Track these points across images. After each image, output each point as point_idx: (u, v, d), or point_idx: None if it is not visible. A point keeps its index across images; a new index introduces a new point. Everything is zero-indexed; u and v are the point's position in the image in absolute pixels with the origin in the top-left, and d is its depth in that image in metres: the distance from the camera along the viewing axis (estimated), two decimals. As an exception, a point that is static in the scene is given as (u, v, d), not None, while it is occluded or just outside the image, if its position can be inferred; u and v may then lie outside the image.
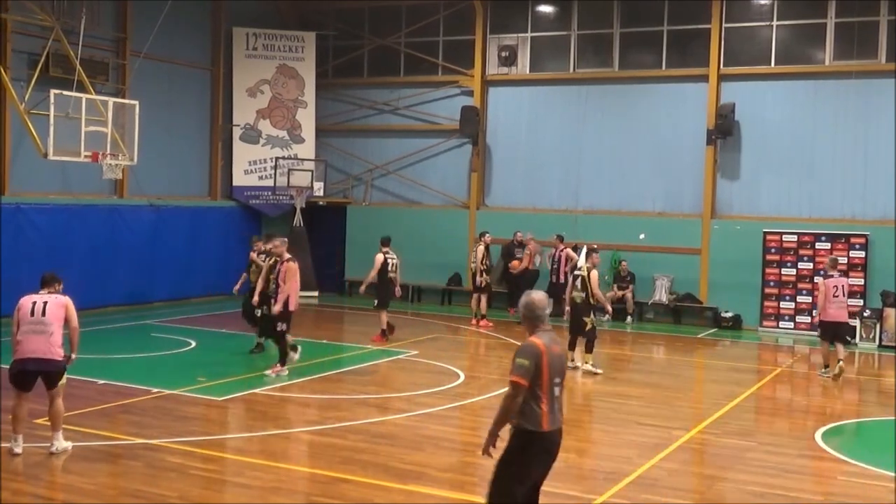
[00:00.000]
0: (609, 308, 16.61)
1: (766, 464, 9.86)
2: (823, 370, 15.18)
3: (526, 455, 6.21)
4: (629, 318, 21.04)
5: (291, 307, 13.66)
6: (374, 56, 25.14)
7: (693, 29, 21.54)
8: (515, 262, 20.94)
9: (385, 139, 24.92)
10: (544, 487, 8.75)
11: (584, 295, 14.84)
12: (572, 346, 14.99)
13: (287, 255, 13.74)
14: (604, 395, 13.50)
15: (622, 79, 22.32)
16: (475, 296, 20.03)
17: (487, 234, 20.18)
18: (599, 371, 14.78)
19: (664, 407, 12.69)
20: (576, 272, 15.21)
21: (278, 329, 13.56)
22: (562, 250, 19.80)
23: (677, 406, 12.94)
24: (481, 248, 19.79)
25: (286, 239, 14.79)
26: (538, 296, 6.49)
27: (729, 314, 20.59)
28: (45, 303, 9.27)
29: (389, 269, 17.01)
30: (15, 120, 17.69)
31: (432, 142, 24.22)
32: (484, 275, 19.72)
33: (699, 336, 19.72)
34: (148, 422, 10.84)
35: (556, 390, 6.29)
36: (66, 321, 9.33)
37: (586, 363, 14.84)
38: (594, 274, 14.92)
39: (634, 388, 14.01)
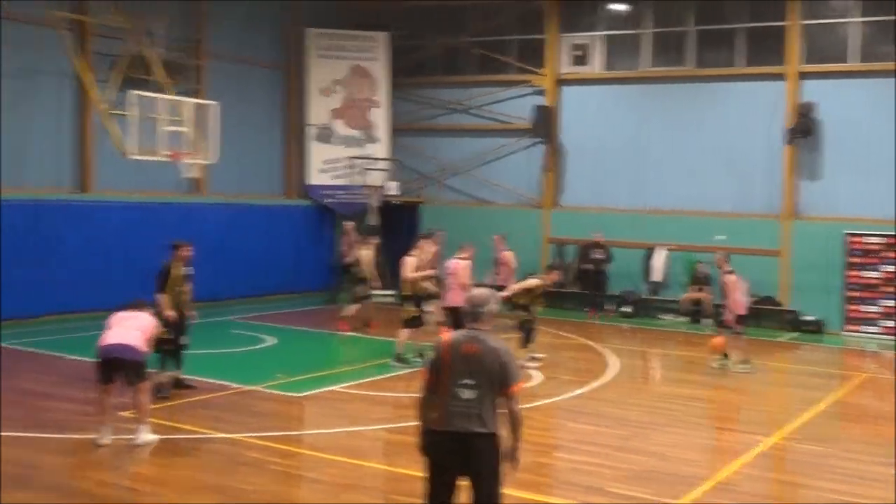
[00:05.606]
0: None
1: (847, 471, 9.63)
2: None
3: (426, 454, 6.04)
4: (706, 321, 20.70)
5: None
6: (446, 56, 25.18)
7: (771, 26, 21.13)
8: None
9: (457, 138, 24.94)
10: (619, 490, 8.72)
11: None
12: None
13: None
14: (680, 399, 13.32)
15: (697, 77, 22.00)
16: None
17: (377, 237, 19.26)
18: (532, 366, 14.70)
19: (743, 412, 12.49)
20: None
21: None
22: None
23: (756, 411, 12.72)
24: (367, 252, 18.32)
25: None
26: (474, 292, 6.26)
27: (810, 317, 20.13)
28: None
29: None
30: (97, 120, 18.14)
31: (504, 141, 24.18)
32: (365, 283, 18.15)
33: (778, 340, 19.34)
34: (227, 416, 11.02)
35: (462, 391, 5.86)
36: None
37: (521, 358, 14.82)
38: (408, 259, 15.07)
39: (711, 392, 13.81)
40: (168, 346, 11.81)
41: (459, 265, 14.78)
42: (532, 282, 15.11)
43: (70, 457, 9.30)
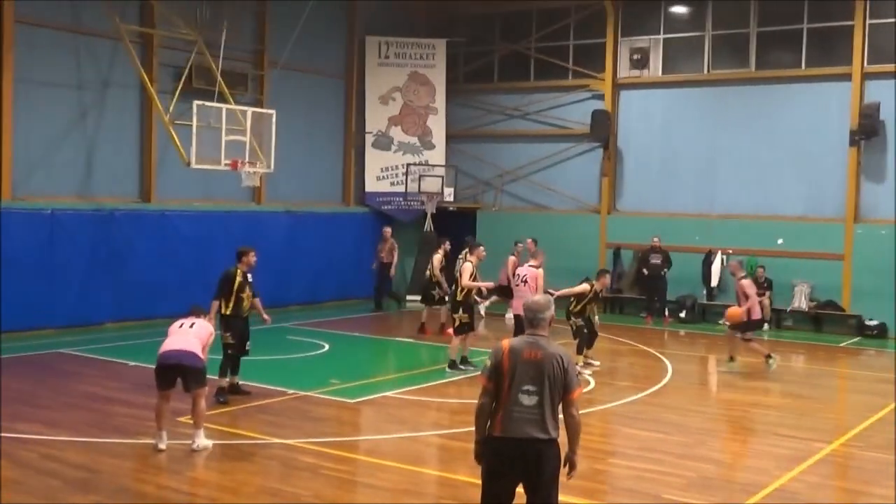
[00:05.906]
0: (481, 296, 16.19)
1: (913, 479, 9.40)
2: None
3: (485, 461, 6.02)
4: (766, 326, 20.36)
5: None
6: (504, 61, 25.20)
7: (835, 26, 20.74)
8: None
9: (515, 144, 24.92)
10: (676, 497, 8.62)
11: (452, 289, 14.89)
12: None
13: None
14: (740, 405, 13.14)
15: (759, 79, 21.68)
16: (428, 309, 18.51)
17: (447, 242, 18.88)
18: (587, 373, 14.50)
19: (804, 418, 12.25)
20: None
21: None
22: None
23: (818, 417, 12.48)
24: (438, 256, 18.33)
25: None
26: (533, 298, 6.31)
27: (874, 322, 19.70)
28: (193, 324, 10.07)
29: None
30: (160, 130, 18.48)
31: (562, 146, 24.08)
32: (440, 287, 18.01)
33: (841, 345, 18.96)
34: (283, 422, 11.13)
35: (524, 398, 5.86)
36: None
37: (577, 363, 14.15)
38: (465, 266, 14.78)
39: (772, 398, 13.59)
40: (234, 350, 12.02)
41: (534, 273, 14.69)
42: (582, 287, 15.01)
43: (131, 461, 9.48)
